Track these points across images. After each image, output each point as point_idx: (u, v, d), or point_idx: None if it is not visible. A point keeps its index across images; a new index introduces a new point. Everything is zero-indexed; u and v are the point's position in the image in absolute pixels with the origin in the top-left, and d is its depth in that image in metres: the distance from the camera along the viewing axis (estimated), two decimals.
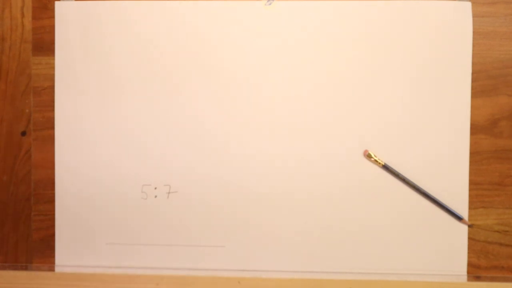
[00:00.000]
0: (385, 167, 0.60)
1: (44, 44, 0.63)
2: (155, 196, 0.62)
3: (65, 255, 0.63)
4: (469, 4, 0.60)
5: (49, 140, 0.63)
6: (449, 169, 0.60)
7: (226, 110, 0.62)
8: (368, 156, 0.60)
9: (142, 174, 0.62)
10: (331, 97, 0.61)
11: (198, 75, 0.62)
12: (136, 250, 0.62)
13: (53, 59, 0.63)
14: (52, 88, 0.63)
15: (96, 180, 0.63)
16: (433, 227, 0.60)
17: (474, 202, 0.60)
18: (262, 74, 0.61)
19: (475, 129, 0.60)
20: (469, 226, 0.60)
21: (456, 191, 0.60)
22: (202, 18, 0.62)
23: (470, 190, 0.60)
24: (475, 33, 0.60)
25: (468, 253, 0.60)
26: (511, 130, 0.60)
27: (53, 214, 0.63)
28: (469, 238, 0.60)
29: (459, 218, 0.60)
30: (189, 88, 0.62)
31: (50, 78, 0.63)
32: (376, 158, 0.60)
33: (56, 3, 0.63)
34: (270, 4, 0.61)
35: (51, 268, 0.63)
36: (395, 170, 0.60)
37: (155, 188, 0.62)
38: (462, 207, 0.60)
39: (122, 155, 0.62)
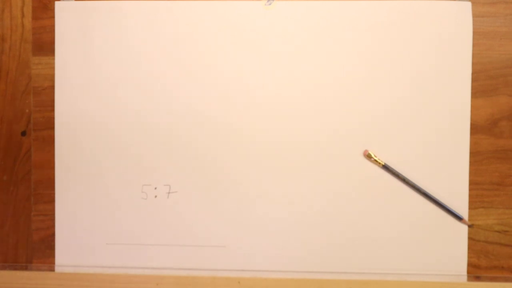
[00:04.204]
0: (385, 167, 0.60)
1: (44, 44, 0.63)
2: (155, 196, 0.62)
3: (65, 255, 0.63)
4: (469, 4, 0.60)
5: (49, 140, 0.63)
6: (449, 169, 0.60)
7: (226, 110, 0.62)
8: (368, 156, 0.60)
9: (142, 174, 0.62)
10: (330, 97, 0.61)
11: (198, 75, 0.62)
12: (136, 250, 0.62)
13: (53, 59, 0.63)
14: (52, 88, 0.63)
15: (96, 180, 0.63)
16: (433, 227, 0.60)
17: (474, 202, 0.60)
18: (262, 74, 0.61)
19: (475, 129, 0.60)
20: (469, 226, 0.60)
21: (456, 191, 0.60)
22: (202, 18, 0.62)
23: (470, 190, 0.60)
24: (475, 33, 0.60)
25: (468, 253, 0.60)
26: (511, 130, 0.60)
27: (53, 214, 0.63)
28: (469, 238, 0.60)
29: (459, 218, 0.60)
30: (189, 89, 0.62)
31: (50, 78, 0.63)
32: (376, 158, 0.60)
33: (56, 3, 0.63)
34: (270, 4, 0.61)
35: (51, 268, 0.63)
36: (395, 170, 0.60)
37: (155, 188, 0.62)
38: (462, 207, 0.60)
39: (122, 155, 0.62)
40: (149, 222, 0.62)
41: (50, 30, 0.63)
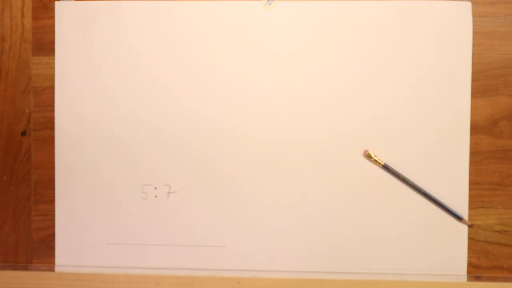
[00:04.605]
0: (385, 167, 0.60)
1: (44, 44, 0.63)
2: (155, 196, 0.62)
3: (65, 255, 0.63)
4: (469, 4, 0.60)
5: (49, 140, 0.63)
6: (449, 169, 0.60)
7: (226, 110, 0.62)
8: (368, 156, 0.60)
9: (142, 174, 0.62)
10: (330, 97, 0.61)
11: (198, 75, 0.62)
12: (136, 250, 0.62)
13: (53, 59, 0.63)
14: (52, 88, 0.63)
15: (96, 180, 0.63)
16: (433, 227, 0.60)
17: (474, 202, 0.60)
18: (262, 74, 0.61)
19: (475, 129, 0.60)
20: (469, 226, 0.60)
21: (456, 191, 0.60)
22: (201, 18, 0.62)
23: (470, 190, 0.60)
24: (475, 33, 0.60)
25: (468, 253, 0.60)
26: (511, 130, 0.60)
27: (53, 214, 0.63)
28: (469, 238, 0.60)
29: (459, 218, 0.60)
30: (189, 89, 0.62)
31: (50, 78, 0.63)
32: (376, 158, 0.60)
33: (56, 3, 0.63)
34: (270, 4, 0.61)
35: (51, 268, 0.63)
36: (395, 170, 0.60)
37: (155, 188, 0.62)
38: (462, 207, 0.60)
39: (122, 155, 0.62)
40: (149, 222, 0.62)
41: (50, 30, 0.63)
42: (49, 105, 0.63)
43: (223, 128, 0.62)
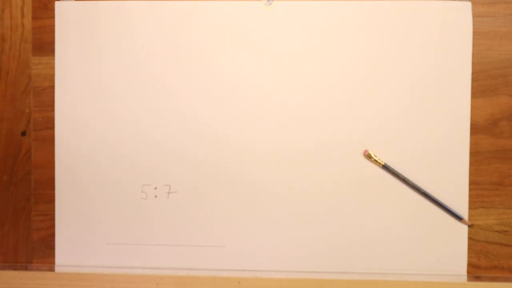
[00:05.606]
0: (385, 167, 0.60)
1: (44, 44, 0.63)
2: (155, 196, 0.62)
3: (65, 255, 0.63)
4: (469, 4, 0.60)
5: (49, 140, 0.63)
6: (449, 169, 0.60)
7: (226, 110, 0.62)
8: (368, 156, 0.60)
9: (142, 174, 0.62)
10: (331, 97, 0.61)
11: (198, 75, 0.62)
12: (136, 250, 0.62)
13: (53, 59, 0.63)
14: (52, 88, 0.63)
15: (96, 180, 0.63)
16: (433, 227, 0.60)
17: (474, 202, 0.60)
18: (262, 74, 0.61)
19: (475, 129, 0.60)
20: (469, 226, 0.60)
21: (456, 191, 0.60)
22: (201, 18, 0.62)
23: (470, 190, 0.60)
24: (475, 33, 0.60)
25: (468, 253, 0.60)
26: (511, 130, 0.60)
27: (53, 214, 0.63)
28: (469, 238, 0.60)
29: (459, 218, 0.60)
30: (190, 89, 0.62)
31: (50, 78, 0.63)
32: (376, 158, 0.60)
33: (56, 3, 0.63)
34: (270, 4, 0.61)
35: (51, 268, 0.63)
36: (395, 170, 0.60)
37: (155, 188, 0.62)
38: (462, 207, 0.60)
39: (122, 155, 0.62)
40: (149, 222, 0.62)
41: (50, 30, 0.63)
42: (49, 105, 0.63)
43: (223, 128, 0.62)
